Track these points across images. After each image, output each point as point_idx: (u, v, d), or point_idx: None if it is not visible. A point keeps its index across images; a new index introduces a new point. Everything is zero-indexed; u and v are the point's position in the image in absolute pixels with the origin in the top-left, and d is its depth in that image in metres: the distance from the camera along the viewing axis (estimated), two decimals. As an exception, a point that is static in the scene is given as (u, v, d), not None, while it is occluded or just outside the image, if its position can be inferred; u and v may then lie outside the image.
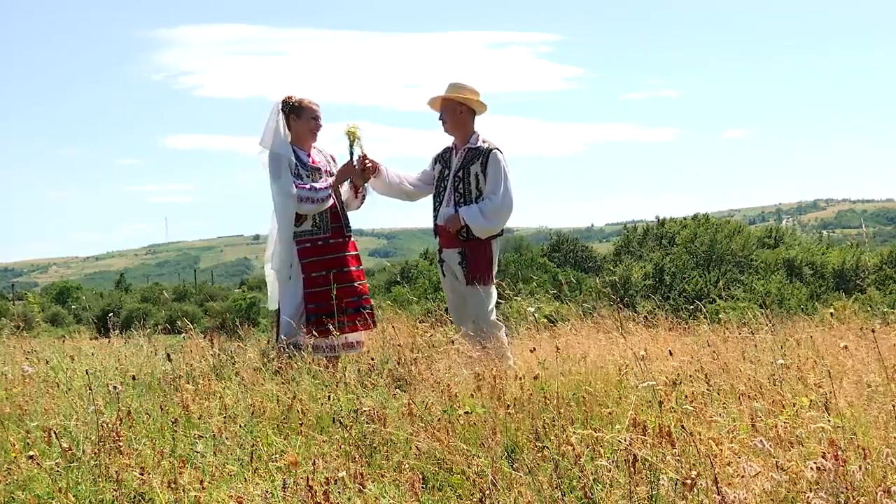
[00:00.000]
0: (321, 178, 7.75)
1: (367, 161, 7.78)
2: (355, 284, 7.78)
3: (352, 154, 7.79)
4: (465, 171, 7.86)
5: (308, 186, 7.59)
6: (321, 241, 7.71)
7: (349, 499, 4.19)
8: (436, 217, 8.03)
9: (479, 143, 7.92)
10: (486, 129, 8.09)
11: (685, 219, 56.44)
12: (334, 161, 8.00)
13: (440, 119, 8.04)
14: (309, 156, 7.81)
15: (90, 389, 5.83)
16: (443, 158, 8.14)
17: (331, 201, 7.69)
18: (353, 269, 7.85)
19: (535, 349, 6.82)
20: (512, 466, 4.53)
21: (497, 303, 7.97)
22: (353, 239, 7.97)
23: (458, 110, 7.97)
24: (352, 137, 7.75)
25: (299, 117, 7.76)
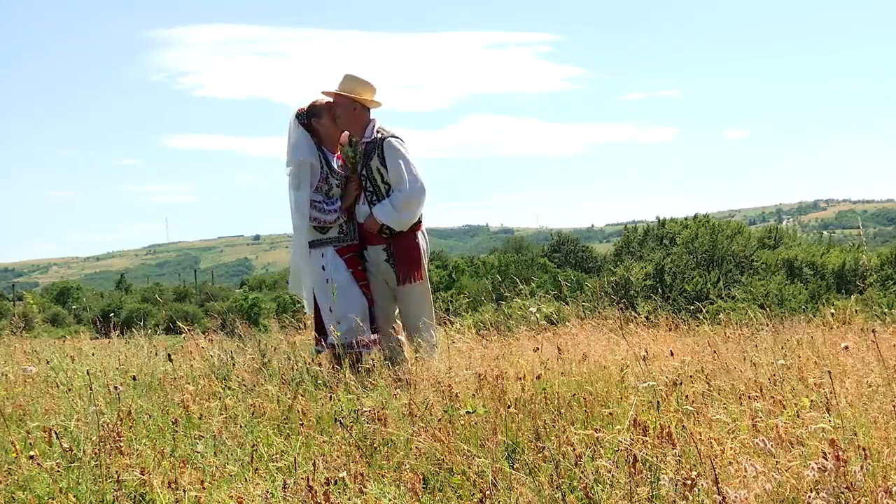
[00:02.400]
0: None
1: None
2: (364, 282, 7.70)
3: (355, 169, 7.61)
4: (367, 168, 7.58)
5: (319, 203, 7.50)
6: (350, 243, 7.66)
7: (349, 499, 4.19)
8: (352, 216, 7.79)
9: (374, 135, 7.62)
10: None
11: (686, 219, 56.46)
12: (362, 147, 7.69)
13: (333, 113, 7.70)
14: (337, 157, 7.68)
15: (91, 390, 5.84)
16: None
17: (342, 219, 7.57)
18: (360, 268, 7.72)
19: (537, 349, 6.81)
20: (512, 467, 4.53)
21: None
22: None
23: (352, 106, 7.63)
24: (352, 154, 7.60)
25: (321, 117, 7.62)
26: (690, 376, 5.95)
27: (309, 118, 7.61)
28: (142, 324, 10.29)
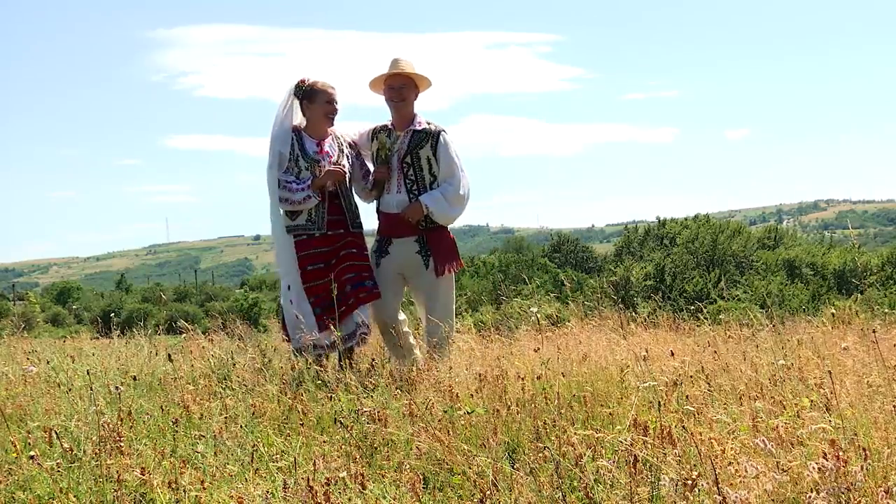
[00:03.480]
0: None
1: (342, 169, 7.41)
2: (354, 263, 7.42)
3: (386, 160, 7.43)
4: (414, 156, 7.44)
5: (290, 183, 7.29)
6: (319, 235, 7.37)
7: (350, 499, 4.19)
8: (378, 204, 7.65)
9: (425, 125, 7.51)
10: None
11: (686, 219, 56.46)
12: (353, 147, 7.64)
13: (392, 99, 7.52)
14: (319, 143, 7.44)
15: (91, 390, 5.84)
16: (378, 137, 7.62)
17: (313, 200, 7.30)
18: (354, 251, 7.46)
19: (538, 349, 6.81)
20: (513, 467, 4.53)
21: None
22: (361, 233, 7.58)
23: (415, 90, 7.56)
24: (389, 145, 7.44)
25: (312, 102, 7.43)
26: (691, 376, 5.95)
27: (303, 96, 7.44)
28: (142, 324, 10.29)
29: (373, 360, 7.09)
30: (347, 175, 7.46)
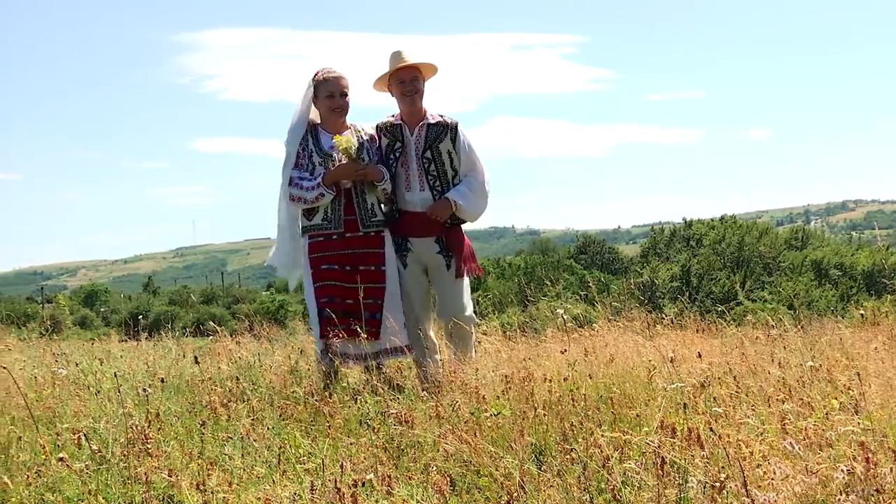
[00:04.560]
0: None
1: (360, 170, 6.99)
2: (373, 286, 7.03)
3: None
4: (434, 151, 7.12)
5: (302, 180, 7.00)
6: (336, 236, 7.04)
7: (377, 501, 4.19)
8: (396, 202, 7.25)
9: (439, 118, 7.19)
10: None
11: (712, 220, 56.29)
12: (374, 143, 7.24)
13: (406, 94, 7.12)
14: (334, 137, 7.03)
15: (119, 392, 5.87)
16: (391, 132, 7.27)
17: (326, 197, 6.97)
18: (372, 268, 7.09)
19: (565, 350, 6.80)
20: (540, 468, 4.52)
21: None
22: (382, 234, 7.16)
23: (423, 82, 7.19)
24: (347, 153, 6.93)
25: (318, 96, 7.14)
26: (718, 378, 5.93)
27: (315, 90, 7.15)
28: (170, 326, 10.34)
29: (399, 363, 7.08)
30: (367, 170, 7.04)
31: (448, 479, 4.44)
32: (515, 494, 4.09)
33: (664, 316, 9.26)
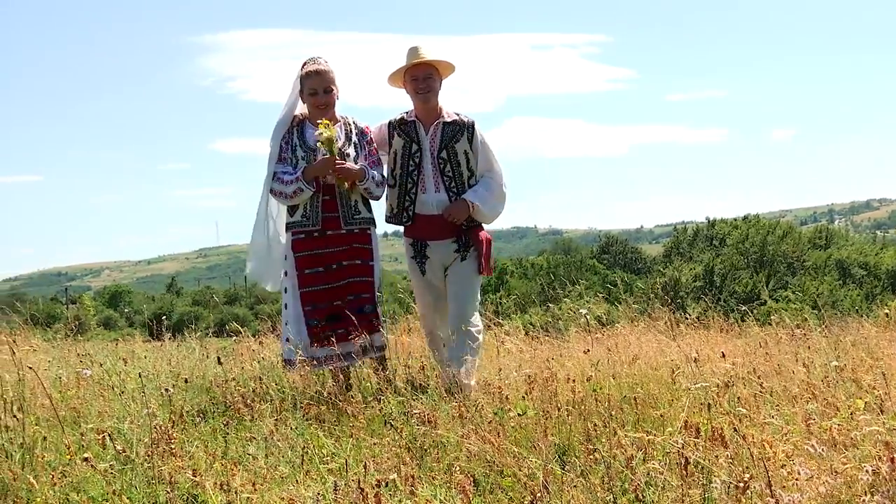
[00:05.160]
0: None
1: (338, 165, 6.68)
2: (356, 280, 6.79)
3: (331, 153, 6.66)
4: (450, 151, 6.88)
5: (283, 174, 6.73)
6: (317, 233, 6.76)
7: (400, 501, 4.19)
8: (410, 205, 6.95)
9: (455, 117, 6.95)
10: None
11: (735, 220, 56.14)
12: (365, 135, 6.97)
13: (419, 91, 6.87)
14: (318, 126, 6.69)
15: (144, 392, 5.89)
16: (404, 132, 6.98)
17: (305, 192, 6.68)
18: (359, 262, 6.82)
19: (587, 350, 6.78)
20: (563, 469, 4.52)
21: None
22: (367, 231, 6.88)
23: (439, 78, 6.93)
24: (328, 145, 6.63)
25: (302, 90, 6.87)
26: (742, 378, 5.91)
27: (301, 85, 6.86)
28: (193, 327, 10.35)
29: (423, 363, 7.08)
30: (351, 165, 6.76)
31: (471, 479, 4.44)
32: (539, 495, 4.08)
33: (687, 316, 9.23)
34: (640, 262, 69.59)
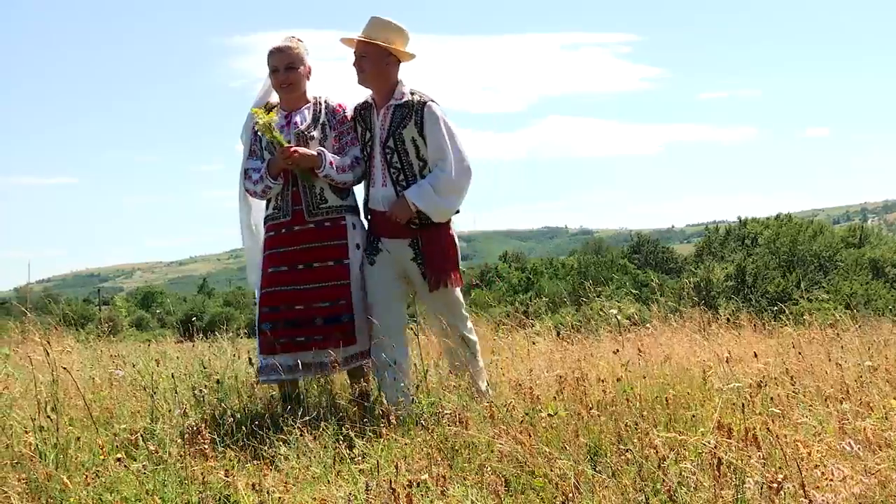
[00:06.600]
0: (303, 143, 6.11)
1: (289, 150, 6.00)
2: (328, 284, 6.11)
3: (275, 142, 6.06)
4: (396, 138, 6.07)
5: (252, 171, 6.22)
6: (284, 229, 6.16)
7: (432, 502, 4.19)
8: (366, 200, 6.28)
9: (407, 97, 6.12)
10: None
11: (767, 219, 55.83)
12: (336, 114, 6.28)
13: (355, 65, 6.18)
14: (288, 116, 6.23)
15: (176, 393, 5.91)
16: (363, 117, 6.28)
17: (273, 189, 6.15)
18: (331, 263, 6.12)
19: (617, 351, 6.76)
20: (595, 469, 4.50)
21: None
22: (341, 223, 6.18)
23: (384, 60, 6.12)
24: (268, 132, 6.02)
25: (271, 72, 6.26)
26: (775, 378, 5.88)
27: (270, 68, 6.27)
28: (224, 328, 10.38)
29: (437, 362, 7.06)
30: (304, 150, 6.07)
31: (502, 479, 4.43)
32: (570, 495, 4.07)
33: (719, 315, 9.19)
34: (671, 262, 69.36)
